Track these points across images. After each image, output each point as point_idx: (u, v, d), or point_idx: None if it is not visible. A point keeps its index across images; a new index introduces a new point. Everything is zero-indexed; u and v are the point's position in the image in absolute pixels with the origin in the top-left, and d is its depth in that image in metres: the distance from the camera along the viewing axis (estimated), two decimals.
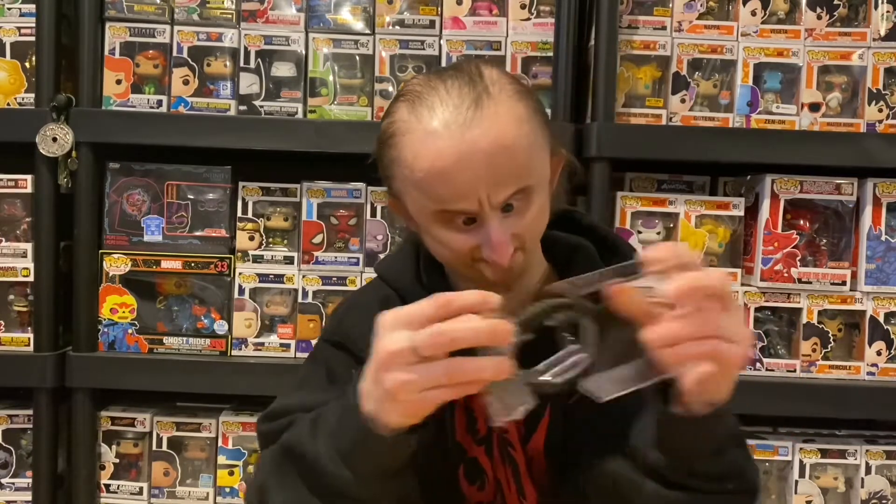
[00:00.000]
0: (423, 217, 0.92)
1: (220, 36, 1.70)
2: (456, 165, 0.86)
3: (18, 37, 1.70)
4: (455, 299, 0.76)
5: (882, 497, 1.68)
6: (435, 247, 0.94)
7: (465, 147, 0.85)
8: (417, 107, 0.89)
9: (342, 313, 1.06)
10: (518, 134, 0.88)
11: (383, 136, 0.94)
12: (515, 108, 0.89)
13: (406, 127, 0.90)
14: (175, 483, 1.73)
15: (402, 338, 0.75)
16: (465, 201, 0.87)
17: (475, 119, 0.86)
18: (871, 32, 1.67)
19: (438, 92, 0.89)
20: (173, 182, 1.73)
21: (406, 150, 0.89)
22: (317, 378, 1.01)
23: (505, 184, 0.87)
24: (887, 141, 1.64)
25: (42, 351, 1.67)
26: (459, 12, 1.70)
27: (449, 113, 0.87)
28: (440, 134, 0.86)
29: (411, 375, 0.74)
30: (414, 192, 0.90)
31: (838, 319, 1.70)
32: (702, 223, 1.68)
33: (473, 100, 0.87)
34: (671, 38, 1.67)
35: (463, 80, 0.89)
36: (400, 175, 0.92)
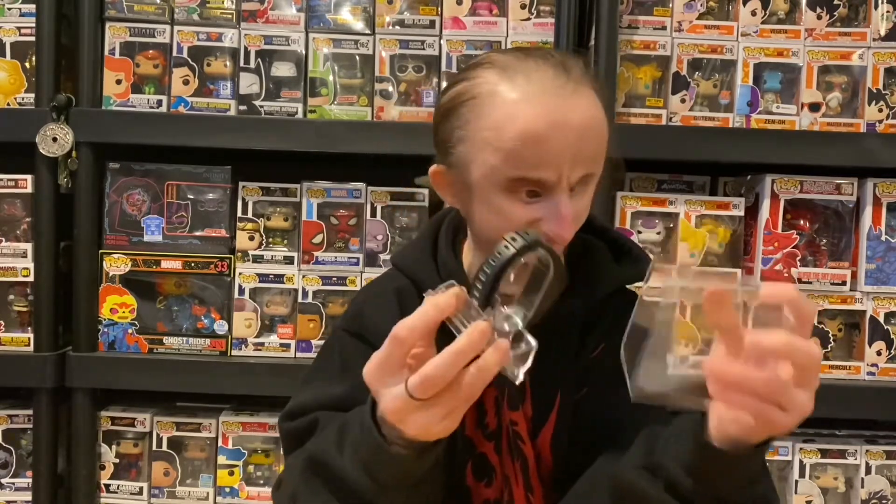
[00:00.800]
0: (488, 184, 0.90)
1: (220, 36, 1.70)
2: (550, 133, 0.87)
3: (18, 37, 1.70)
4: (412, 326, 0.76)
5: (882, 497, 1.68)
6: (488, 218, 0.93)
7: (563, 117, 0.87)
8: (510, 74, 0.90)
9: (360, 303, 1.06)
10: (602, 120, 0.91)
11: (460, 96, 0.93)
12: (600, 99, 0.92)
13: (494, 90, 0.90)
14: (175, 483, 1.73)
15: (397, 392, 0.76)
16: (548, 170, 0.88)
17: (572, 95, 0.88)
18: (871, 32, 1.67)
19: (529, 64, 0.90)
20: (173, 182, 1.73)
21: (495, 112, 0.89)
22: (331, 368, 1.01)
23: (584, 163, 0.89)
24: (887, 141, 1.64)
25: (42, 351, 1.67)
26: (459, 12, 1.70)
27: (546, 84, 0.88)
28: (539, 100, 0.87)
29: (425, 417, 0.76)
30: (492, 155, 0.89)
31: (838, 319, 1.70)
32: (702, 223, 1.68)
33: (570, 79, 0.89)
34: (671, 38, 1.67)
35: (555, 62, 0.91)
36: (476, 137, 0.90)
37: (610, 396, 0.94)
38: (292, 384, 1.64)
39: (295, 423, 0.98)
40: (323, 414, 0.95)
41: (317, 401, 0.97)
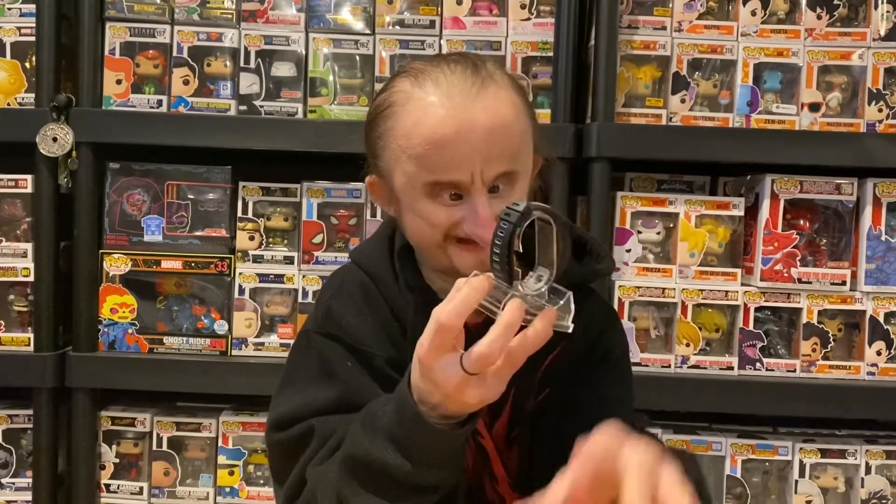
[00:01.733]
0: (409, 190, 0.93)
1: (220, 36, 1.70)
2: (456, 136, 0.89)
3: (18, 37, 1.70)
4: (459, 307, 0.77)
5: (882, 497, 1.68)
6: (415, 224, 0.95)
7: (467, 119, 0.89)
8: (421, 80, 0.93)
9: (327, 303, 1.04)
10: (515, 118, 0.93)
11: (379, 107, 0.97)
12: (514, 97, 0.94)
13: (407, 97, 0.93)
14: (175, 483, 1.73)
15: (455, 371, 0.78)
16: (459, 172, 0.90)
17: (479, 96, 0.90)
18: (871, 32, 1.67)
19: (443, 69, 0.93)
20: (173, 182, 1.73)
21: (406, 119, 0.92)
22: (312, 373, 1.01)
23: (498, 161, 0.91)
24: (887, 141, 1.64)
25: (42, 351, 1.67)
26: (459, 12, 1.70)
27: (454, 87, 0.91)
28: (444, 104, 0.90)
29: (485, 387, 0.78)
30: (407, 162, 0.92)
31: (838, 319, 1.70)
32: (702, 223, 1.68)
33: (478, 80, 0.91)
34: (671, 38, 1.67)
35: (466, 63, 0.93)
36: (393, 146, 0.94)
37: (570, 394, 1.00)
38: None
39: (287, 433, 0.97)
40: (317, 420, 0.95)
41: (307, 407, 0.97)
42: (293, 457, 0.96)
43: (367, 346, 0.99)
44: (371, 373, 0.98)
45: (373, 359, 0.98)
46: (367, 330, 1.00)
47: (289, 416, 0.98)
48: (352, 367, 0.98)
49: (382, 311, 1.01)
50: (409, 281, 1.01)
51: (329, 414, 0.96)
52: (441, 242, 0.94)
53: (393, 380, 0.96)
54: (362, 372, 0.98)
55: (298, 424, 0.96)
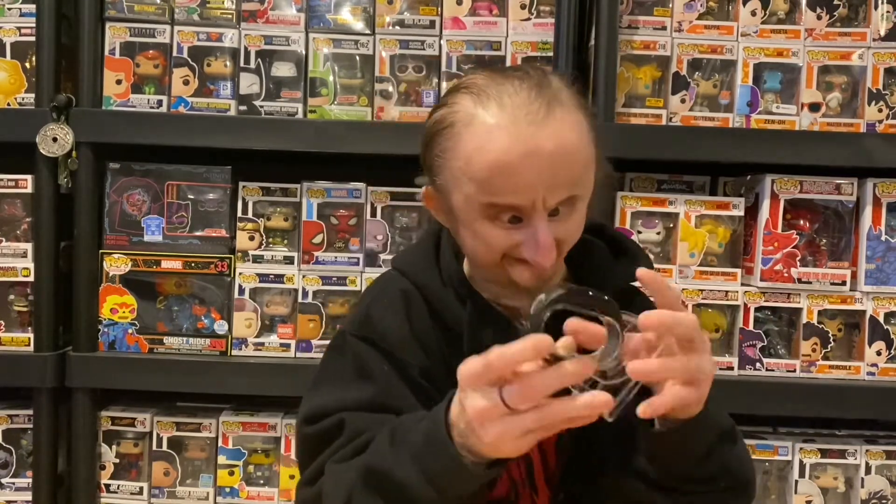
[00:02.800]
0: (468, 210, 0.92)
1: (220, 36, 1.70)
2: (521, 162, 0.87)
3: (18, 37, 1.70)
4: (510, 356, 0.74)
5: (882, 497, 1.68)
6: (472, 242, 0.94)
7: (533, 145, 0.87)
8: (484, 100, 0.90)
9: (367, 307, 1.04)
10: (580, 143, 0.90)
11: (439, 124, 0.94)
12: (579, 119, 0.91)
13: (470, 118, 0.90)
14: (175, 483, 1.73)
15: (490, 395, 0.75)
16: (521, 198, 0.88)
17: (545, 121, 0.87)
18: (871, 32, 1.67)
19: (506, 89, 0.90)
20: (173, 182, 1.73)
21: (468, 142, 0.90)
22: (346, 373, 1.00)
23: (561, 188, 0.89)
24: (887, 141, 1.64)
25: (42, 351, 1.67)
26: (459, 12, 1.70)
27: (518, 111, 0.88)
28: (509, 129, 0.87)
29: (507, 428, 0.75)
30: (467, 184, 0.90)
31: (838, 319, 1.70)
32: (702, 223, 1.68)
33: (544, 102, 0.88)
34: (671, 38, 1.67)
35: (531, 82, 0.90)
36: (452, 166, 0.92)
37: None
38: (292, 384, 1.66)
39: (318, 425, 0.97)
40: (348, 415, 0.95)
41: (339, 403, 0.96)
42: (321, 449, 0.96)
43: (402, 354, 0.98)
44: (404, 381, 0.97)
45: (407, 367, 0.98)
46: (405, 338, 0.99)
47: (321, 411, 0.98)
48: (387, 371, 0.97)
49: (423, 320, 1.00)
50: (459, 290, 0.99)
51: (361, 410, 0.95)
52: (499, 261, 0.93)
53: (425, 389, 0.96)
54: (396, 378, 0.97)
55: (329, 418, 0.96)
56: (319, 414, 0.98)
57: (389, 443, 0.86)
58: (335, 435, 0.95)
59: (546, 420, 0.75)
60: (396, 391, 0.96)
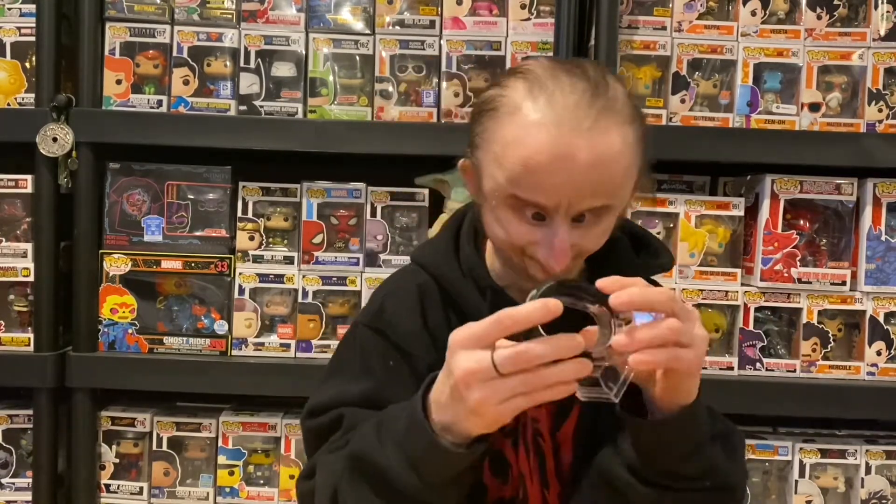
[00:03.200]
0: (495, 196, 0.90)
1: (220, 36, 1.70)
2: (552, 165, 0.85)
3: (18, 37, 1.70)
4: (515, 314, 0.77)
5: (882, 497, 1.68)
6: (494, 227, 0.93)
7: (569, 151, 0.84)
8: (535, 91, 0.87)
9: (381, 299, 1.04)
10: (621, 156, 0.87)
11: (488, 103, 0.92)
12: (627, 132, 0.88)
13: (515, 106, 0.88)
14: (175, 483, 1.73)
15: (481, 356, 0.77)
16: (546, 198, 0.86)
17: (590, 129, 0.84)
18: (871, 32, 1.67)
19: (562, 86, 0.87)
20: (173, 182, 1.73)
21: (507, 130, 0.88)
22: (351, 366, 1.01)
23: (591, 197, 0.87)
24: (887, 141, 1.64)
25: (42, 351, 1.67)
26: (459, 12, 1.70)
27: (566, 112, 0.85)
28: (549, 129, 0.85)
29: (493, 391, 0.77)
30: (497, 171, 0.89)
31: (838, 319, 1.70)
32: (702, 223, 1.68)
33: (594, 109, 0.85)
34: (671, 38, 1.67)
35: (589, 83, 0.87)
36: (488, 149, 0.90)
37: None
38: (292, 384, 1.67)
39: (317, 420, 0.98)
40: (347, 410, 0.96)
41: (338, 398, 0.98)
42: (320, 444, 0.98)
43: (413, 348, 0.98)
44: (413, 374, 0.97)
45: (415, 361, 0.98)
46: (416, 332, 0.99)
47: (322, 404, 0.99)
48: (392, 366, 0.98)
49: (437, 315, 1.00)
50: (479, 281, 0.99)
51: (356, 406, 0.96)
52: (519, 252, 0.92)
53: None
54: (401, 372, 0.98)
55: (327, 413, 0.97)
56: (320, 408, 0.99)
57: (375, 431, 0.87)
58: (333, 430, 0.96)
59: (531, 384, 0.76)
60: (397, 386, 0.96)
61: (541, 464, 1.00)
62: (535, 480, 1.00)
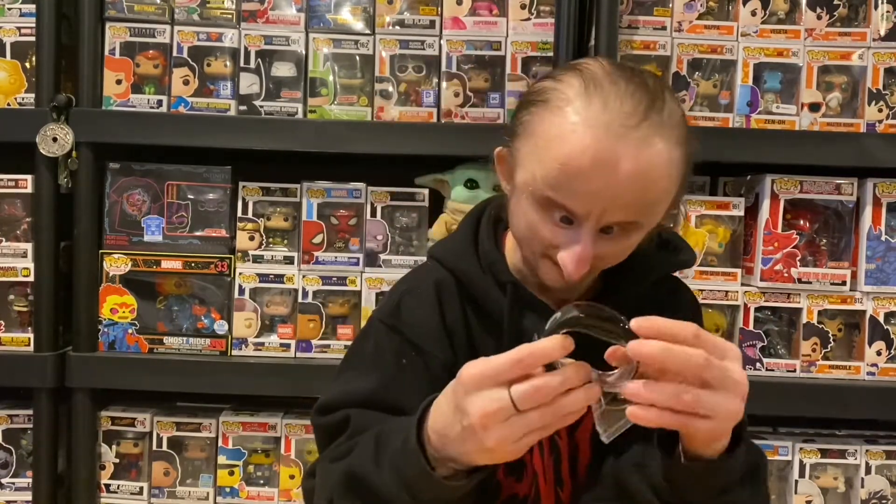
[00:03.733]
0: (527, 191, 0.88)
1: (220, 36, 1.70)
2: (592, 171, 0.82)
3: (18, 37, 1.70)
4: (536, 352, 0.76)
5: (882, 497, 1.68)
6: (519, 219, 0.91)
7: (612, 159, 0.81)
8: (590, 90, 0.84)
9: (399, 297, 1.03)
10: (663, 175, 0.85)
11: (539, 94, 0.89)
12: (674, 152, 0.85)
13: (567, 102, 0.85)
14: (175, 483, 1.73)
15: (499, 396, 0.75)
16: (579, 204, 0.84)
17: (637, 140, 0.82)
18: (871, 32, 1.67)
19: (619, 91, 0.84)
20: (173, 182, 1.73)
21: (552, 125, 0.85)
22: (364, 360, 1.01)
23: (624, 210, 0.84)
24: (887, 141, 1.64)
25: (42, 351, 1.67)
26: (459, 12, 1.70)
27: (616, 117, 0.82)
28: (595, 133, 0.82)
29: (511, 430, 0.76)
30: (535, 165, 0.86)
31: (838, 319, 1.70)
32: (702, 223, 1.68)
33: (645, 122, 0.83)
34: (671, 38, 1.67)
35: (645, 94, 0.84)
36: (531, 141, 0.88)
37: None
38: (292, 384, 1.67)
39: (326, 418, 0.98)
40: (354, 412, 0.95)
41: (346, 396, 0.97)
42: (327, 443, 0.97)
43: (429, 346, 0.97)
44: (426, 373, 0.97)
45: (430, 359, 0.97)
46: (433, 330, 0.98)
47: (332, 402, 0.98)
48: (404, 364, 0.97)
49: (455, 312, 0.99)
50: (498, 276, 0.97)
51: (363, 405, 0.96)
52: (538, 250, 0.91)
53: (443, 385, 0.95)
54: (414, 370, 0.97)
55: (335, 413, 0.97)
56: (330, 406, 0.99)
57: (374, 446, 0.86)
58: (341, 430, 0.95)
59: (548, 418, 0.75)
60: (406, 385, 0.96)
61: (555, 462, 1.00)
62: (549, 479, 1.00)
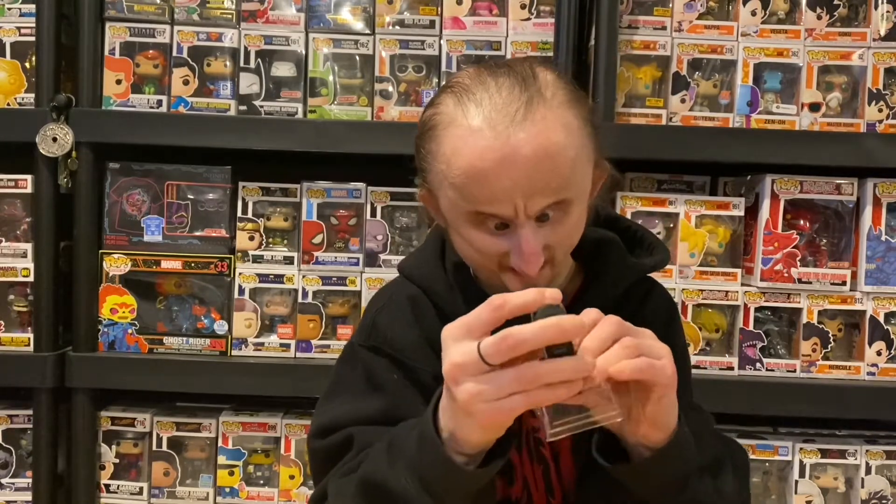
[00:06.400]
0: (454, 215, 0.89)
1: (220, 36, 1.70)
2: (495, 168, 0.82)
3: (18, 37, 1.70)
4: (511, 299, 0.73)
5: (882, 497, 1.68)
6: (463, 247, 0.91)
7: (508, 150, 0.81)
8: (464, 100, 0.85)
9: (373, 316, 1.01)
10: (565, 144, 0.83)
11: (424, 126, 0.91)
12: (566, 116, 0.85)
13: (449, 120, 0.86)
14: (175, 483, 1.73)
15: (468, 348, 0.73)
16: (501, 206, 0.84)
17: (523, 122, 0.82)
18: (871, 32, 1.67)
19: (488, 88, 0.85)
20: (173, 182, 1.73)
21: (446, 145, 0.86)
22: (357, 384, 0.98)
23: (544, 193, 0.83)
24: (887, 141, 1.64)
25: (42, 351, 1.67)
26: (459, 12, 1.70)
27: (496, 112, 0.83)
28: (483, 133, 0.82)
29: (482, 385, 0.72)
30: (449, 189, 0.86)
31: (838, 319, 1.70)
32: (702, 223, 1.68)
33: (524, 102, 0.83)
34: (671, 38, 1.67)
35: (515, 79, 0.85)
36: (436, 169, 0.88)
37: None
38: (292, 384, 1.67)
39: (327, 440, 0.95)
40: (357, 429, 0.93)
41: (349, 417, 0.95)
42: (329, 465, 0.94)
43: (413, 360, 0.96)
44: (417, 387, 0.95)
45: (419, 373, 0.96)
46: (414, 344, 0.97)
47: (332, 424, 0.96)
48: (398, 381, 0.96)
49: (432, 325, 0.97)
50: (467, 293, 0.96)
51: (373, 425, 0.94)
52: (494, 268, 0.90)
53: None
54: (407, 386, 0.96)
55: (338, 433, 0.94)
56: (329, 428, 0.96)
57: (387, 454, 0.85)
58: (344, 450, 0.93)
59: (524, 380, 0.71)
60: (408, 400, 0.94)
61: (545, 471, 1.00)
62: (541, 487, 1.00)
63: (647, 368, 0.76)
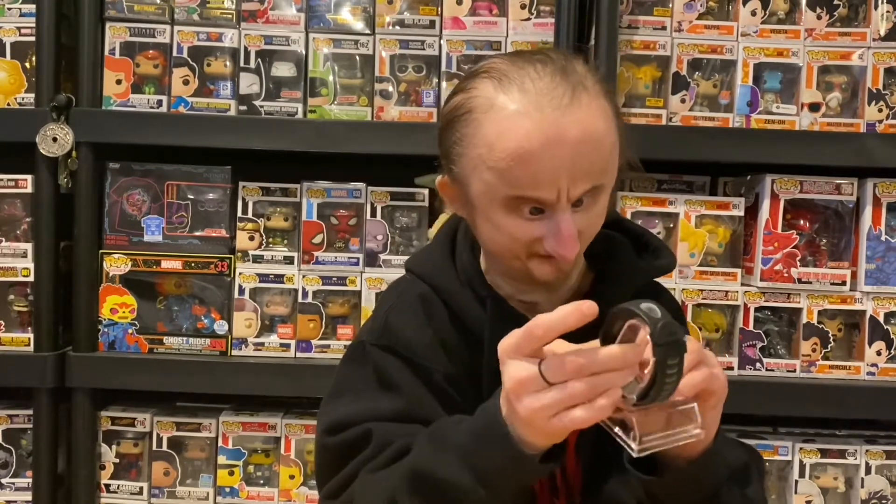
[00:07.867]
0: (488, 201, 0.88)
1: (220, 36, 1.70)
2: (543, 150, 0.83)
3: (18, 37, 1.70)
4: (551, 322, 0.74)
5: (882, 497, 1.68)
6: (492, 234, 0.91)
7: (557, 133, 0.82)
8: (506, 84, 0.85)
9: (384, 316, 1.00)
10: (607, 131, 0.86)
11: (457, 111, 0.90)
12: (604, 105, 0.87)
13: (490, 103, 0.86)
14: (175, 483, 1.73)
15: (528, 367, 0.74)
16: (544, 189, 0.84)
17: (571, 107, 0.83)
18: (871, 32, 1.67)
19: (529, 73, 0.86)
20: (173, 182, 1.73)
21: (488, 128, 0.85)
22: (369, 384, 0.97)
23: (586, 178, 0.85)
24: (887, 141, 1.64)
25: (42, 351, 1.67)
26: (459, 12, 1.70)
27: (542, 96, 0.83)
28: (532, 115, 0.83)
29: (542, 402, 0.73)
30: (487, 172, 0.86)
31: (838, 319, 1.70)
32: (702, 223, 1.68)
33: (569, 88, 0.84)
34: (671, 38, 1.67)
35: (555, 66, 0.86)
36: (471, 154, 0.88)
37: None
38: (292, 384, 1.67)
39: (341, 435, 0.94)
40: (375, 425, 0.92)
41: (363, 413, 0.94)
42: (345, 461, 0.93)
43: (426, 360, 0.95)
44: (429, 387, 0.95)
45: (431, 373, 0.95)
46: (427, 344, 0.96)
47: (345, 420, 0.95)
48: (412, 381, 0.95)
49: (443, 324, 0.97)
50: (478, 291, 0.96)
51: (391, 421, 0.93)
52: (522, 255, 0.90)
53: (449, 395, 0.94)
54: (421, 386, 0.95)
55: (354, 428, 0.93)
56: (342, 424, 0.95)
57: (431, 447, 0.84)
58: (361, 446, 0.92)
59: (580, 395, 0.72)
60: (424, 400, 0.94)
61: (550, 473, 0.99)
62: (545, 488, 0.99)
63: (709, 377, 0.77)
